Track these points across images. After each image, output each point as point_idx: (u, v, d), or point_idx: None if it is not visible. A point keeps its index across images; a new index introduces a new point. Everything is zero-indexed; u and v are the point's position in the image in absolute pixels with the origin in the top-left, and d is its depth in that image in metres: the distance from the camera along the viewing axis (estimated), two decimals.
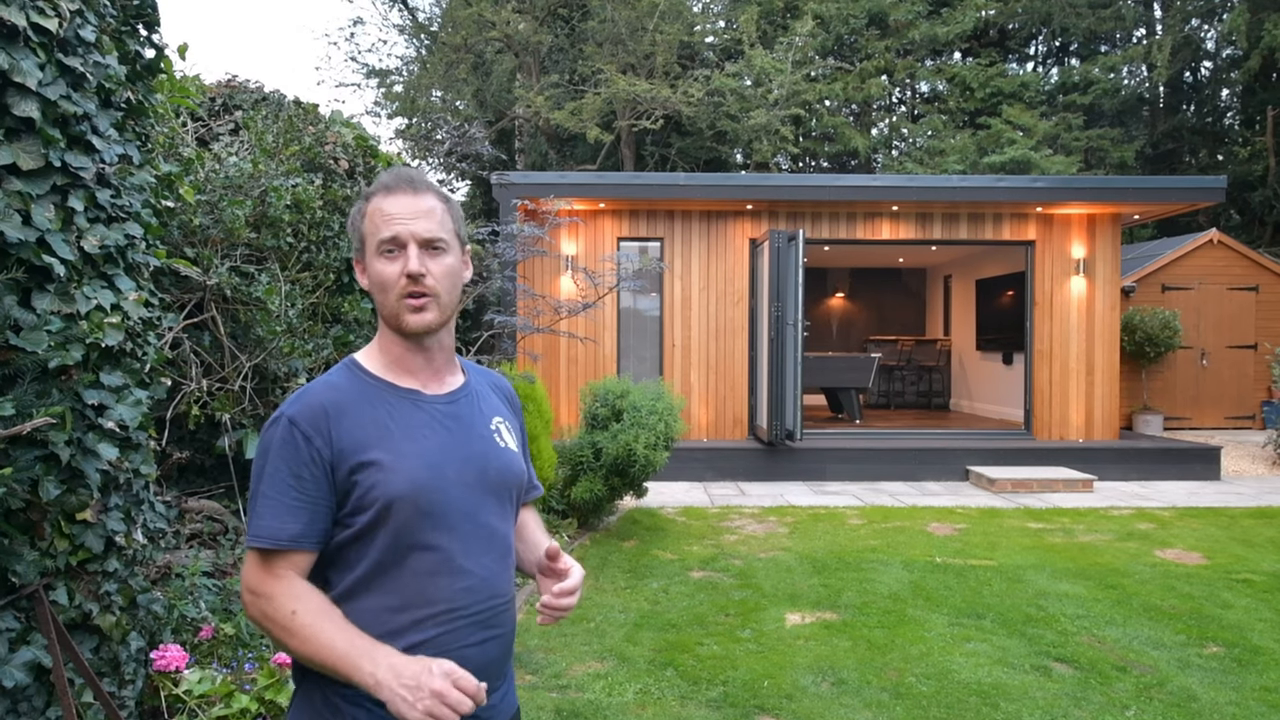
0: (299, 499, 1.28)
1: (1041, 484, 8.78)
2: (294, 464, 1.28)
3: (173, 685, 2.74)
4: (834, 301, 16.53)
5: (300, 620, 1.24)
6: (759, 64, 17.72)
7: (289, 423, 1.30)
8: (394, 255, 1.35)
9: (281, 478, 1.28)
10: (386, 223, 1.35)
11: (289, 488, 1.28)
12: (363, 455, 1.30)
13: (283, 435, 1.30)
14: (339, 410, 1.32)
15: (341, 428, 1.31)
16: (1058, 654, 4.23)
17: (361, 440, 1.31)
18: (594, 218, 10.47)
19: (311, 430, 1.29)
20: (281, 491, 1.28)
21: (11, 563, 2.17)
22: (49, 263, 2.16)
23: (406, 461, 1.32)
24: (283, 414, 1.32)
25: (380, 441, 1.32)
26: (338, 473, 1.30)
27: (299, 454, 1.28)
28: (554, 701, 3.64)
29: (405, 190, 1.37)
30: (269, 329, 4.02)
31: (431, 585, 1.31)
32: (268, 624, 1.27)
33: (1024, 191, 9.96)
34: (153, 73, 2.87)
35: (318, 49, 60.21)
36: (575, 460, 6.72)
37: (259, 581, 1.28)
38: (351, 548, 1.31)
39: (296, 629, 1.24)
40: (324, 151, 4.94)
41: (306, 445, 1.29)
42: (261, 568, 1.28)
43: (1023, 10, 20.54)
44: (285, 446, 1.29)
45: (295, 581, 1.28)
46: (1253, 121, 20.69)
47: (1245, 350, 13.25)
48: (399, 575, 1.30)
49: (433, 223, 1.37)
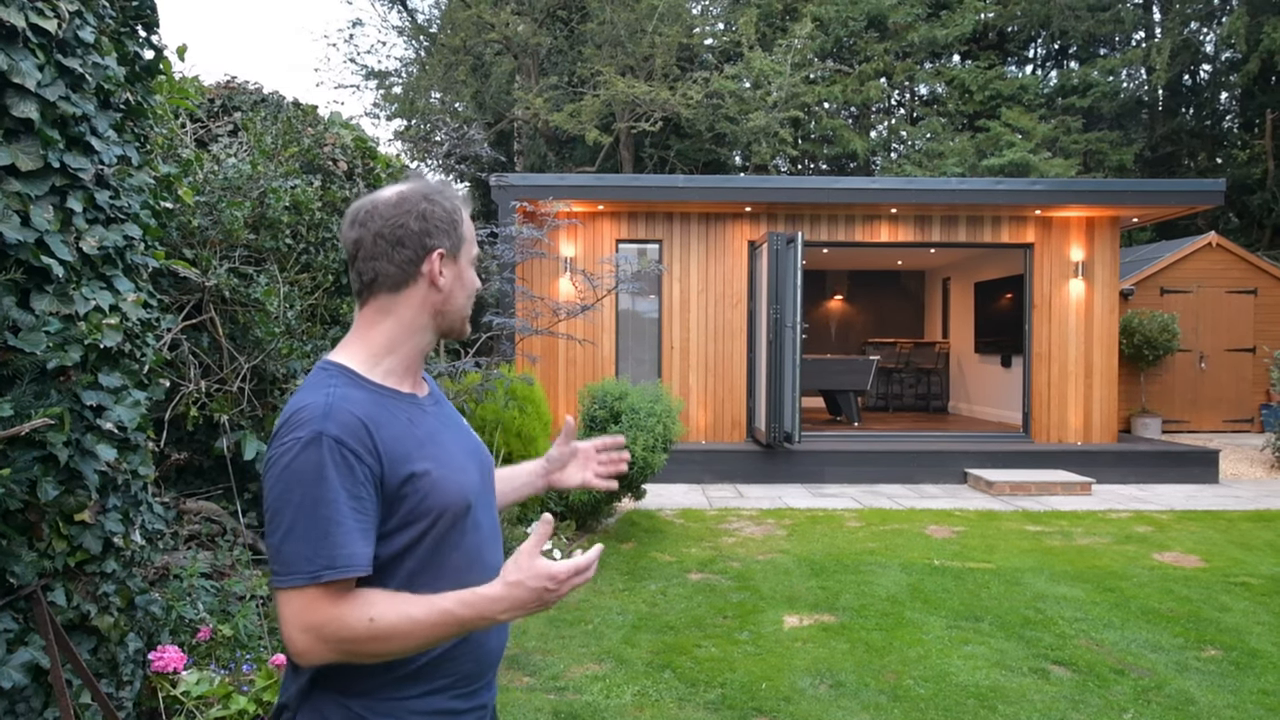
0: (362, 520, 1.21)
1: (1040, 487, 8.79)
2: (351, 485, 1.21)
3: (170, 686, 2.74)
4: (832, 304, 16.54)
5: (382, 623, 1.18)
6: (758, 66, 17.74)
7: (336, 443, 1.21)
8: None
9: (343, 501, 1.20)
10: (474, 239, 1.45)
11: (352, 510, 1.21)
12: (410, 466, 1.27)
13: (332, 456, 1.20)
14: (375, 424, 1.26)
15: (384, 441, 1.26)
16: (1056, 657, 4.23)
17: (403, 452, 1.27)
18: (593, 220, 10.47)
19: (360, 448, 1.22)
20: (346, 515, 1.20)
21: (9, 563, 2.16)
22: (47, 264, 2.16)
23: (447, 468, 1.32)
24: (321, 433, 1.21)
25: (419, 451, 1.30)
26: (386, 487, 1.25)
27: (354, 474, 1.21)
28: (552, 704, 3.63)
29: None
30: (267, 330, 4.02)
31: (464, 583, 1.30)
32: (351, 648, 1.19)
33: (1023, 194, 9.97)
34: (152, 74, 2.87)
35: (317, 50, 60.33)
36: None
37: (327, 615, 1.18)
38: (397, 558, 1.28)
39: (384, 633, 1.18)
40: (323, 153, 4.94)
41: (359, 464, 1.22)
42: (330, 599, 1.19)
43: (1022, 13, 20.56)
44: (339, 468, 1.20)
45: (358, 594, 1.22)
46: (1252, 125, 20.72)
47: (1243, 353, 13.26)
48: (439, 575, 1.30)
49: None
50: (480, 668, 1.35)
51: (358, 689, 1.26)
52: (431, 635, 1.20)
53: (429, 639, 1.21)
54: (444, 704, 1.30)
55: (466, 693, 1.33)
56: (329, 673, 1.26)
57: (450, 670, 1.30)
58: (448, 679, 1.30)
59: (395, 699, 1.27)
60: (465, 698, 1.33)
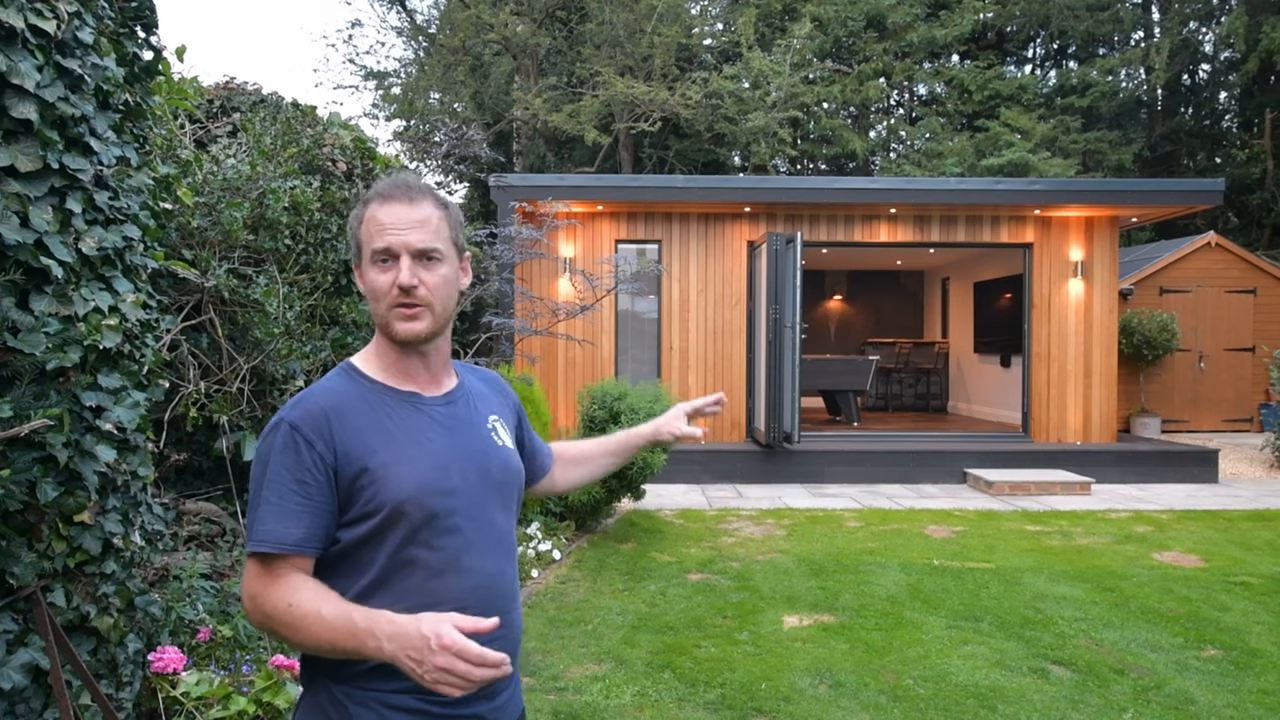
0: (302, 504, 1.27)
1: (1039, 486, 8.79)
2: (296, 469, 1.27)
3: (170, 687, 2.74)
4: (832, 304, 16.54)
5: (297, 611, 1.21)
6: (757, 66, 17.74)
7: (290, 428, 1.29)
8: (387, 265, 1.35)
9: (284, 483, 1.27)
10: (380, 232, 1.34)
11: (292, 493, 1.26)
12: (367, 460, 1.29)
13: (284, 440, 1.28)
14: (340, 414, 1.31)
15: (344, 432, 1.30)
16: (1055, 656, 4.23)
17: (364, 444, 1.30)
18: (592, 220, 10.47)
19: (313, 435, 1.28)
20: (284, 497, 1.26)
21: (9, 564, 2.16)
22: (47, 265, 2.15)
23: (411, 464, 1.32)
24: (283, 419, 1.30)
25: (383, 445, 1.32)
26: (341, 477, 1.29)
27: (301, 459, 1.27)
28: (551, 704, 3.63)
29: (401, 199, 1.36)
30: (267, 331, 4.02)
31: (440, 585, 1.31)
32: (271, 625, 1.24)
33: (1022, 194, 9.98)
34: (151, 75, 2.87)
35: (316, 51, 60.14)
36: None
37: (259, 586, 1.25)
38: (360, 551, 1.31)
39: (296, 620, 1.21)
40: (322, 153, 4.94)
41: (309, 450, 1.28)
42: (263, 573, 1.26)
43: (1021, 13, 20.55)
44: (287, 452, 1.28)
45: (293, 577, 1.26)
46: (1251, 124, 20.72)
47: (1243, 353, 13.26)
48: (409, 576, 1.30)
49: (427, 232, 1.35)
50: None
51: (343, 674, 1.30)
52: (332, 637, 1.19)
53: (330, 640, 1.19)
54: (414, 704, 1.29)
55: (441, 701, 1.29)
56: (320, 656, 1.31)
57: None
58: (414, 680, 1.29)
59: (369, 690, 1.28)
60: (441, 705, 1.29)
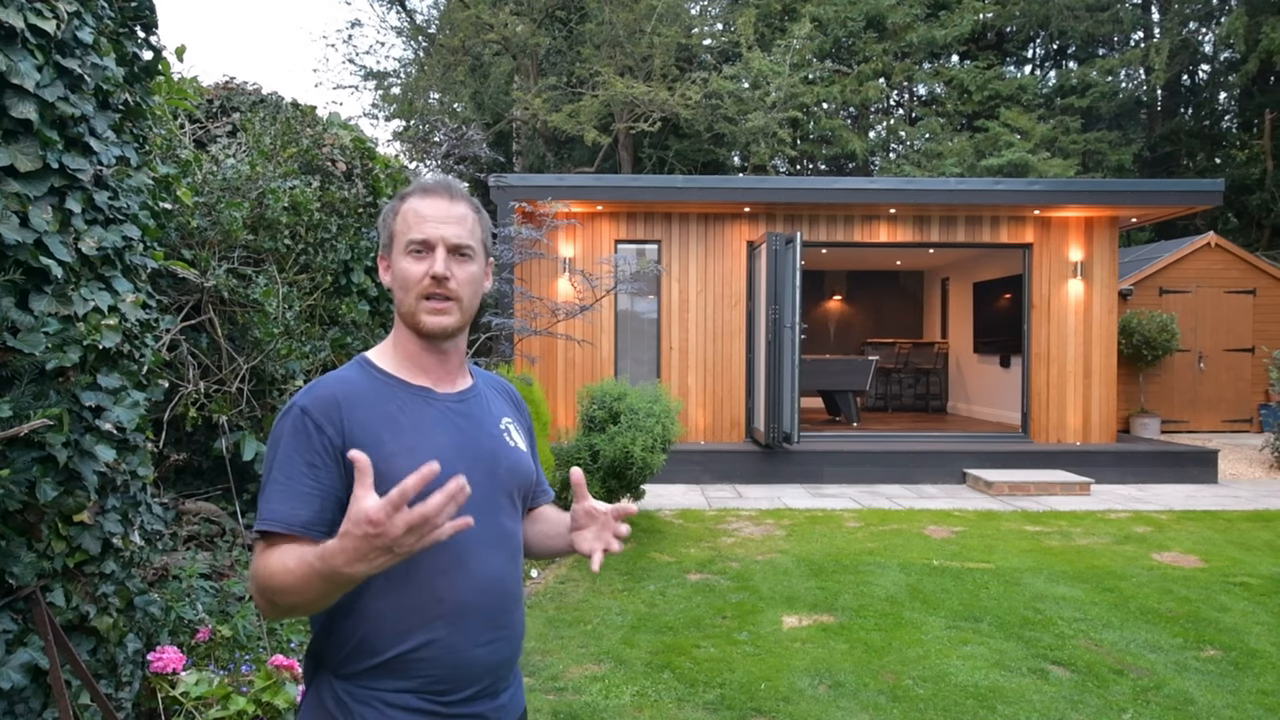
0: (312, 487, 1.28)
1: (1039, 487, 8.79)
2: (306, 452, 1.29)
3: (170, 687, 2.74)
4: (831, 304, 16.54)
5: (279, 572, 1.20)
6: (756, 66, 17.74)
7: (301, 412, 1.31)
8: (421, 256, 1.38)
9: (294, 465, 1.28)
10: (419, 223, 1.38)
11: (302, 475, 1.28)
12: (373, 449, 1.29)
13: (295, 424, 1.31)
14: (350, 402, 1.33)
15: (353, 420, 1.32)
16: (1055, 657, 4.23)
17: (374, 433, 1.31)
18: (591, 220, 10.47)
19: (323, 419, 1.30)
20: (294, 478, 1.28)
21: (9, 564, 2.16)
22: (46, 264, 2.15)
23: (418, 457, 1.30)
24: (295, 404, 1.33)
25: (391, 436, 1.33)
26: (348, 464, 1.28)
27: (311, 443, 1.29)
28: (551, 704, 3.63)
29: (442, 195, 1.41)
30: (266, 331, 4.02)
31: (444, 583, 1.32)
32: (267, 596, 1.23)
33: (1021, 194, 9.98)
34: (150, 74, 2.87)
35: (315, 51, 60.17)
36: (572, 462, 6.72)
37: (257, 564, 1.25)
38: None
39: (278, 583, 1.20)
40: (321, 154, 4.94)
41: (318, 434, 1.29)
42: (263, 550, 1.26)
43: (1020, 13, 20.56)
44: (298, 435, 1.30)
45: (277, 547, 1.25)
46: (1250, 125, 20.73)
47: (1242, 353, 13.27)
48: (413, 573, 1.30)
49: (463, 229, 1.40)
50: (456, 675, 1.32)
51: (343, 672, 1.31)
52: (303, 584, 1.17)
53: (303, 588, 1.17)
54: (415, 703, 1.30)
55: (443, 701, 1.31)
56: (322, 651, 1.34)
57: (419, 671, 1.30)
58: (417, 680, 1.30)
59: (370, 688, 1.29)
60: (443, 704, 1.31)
